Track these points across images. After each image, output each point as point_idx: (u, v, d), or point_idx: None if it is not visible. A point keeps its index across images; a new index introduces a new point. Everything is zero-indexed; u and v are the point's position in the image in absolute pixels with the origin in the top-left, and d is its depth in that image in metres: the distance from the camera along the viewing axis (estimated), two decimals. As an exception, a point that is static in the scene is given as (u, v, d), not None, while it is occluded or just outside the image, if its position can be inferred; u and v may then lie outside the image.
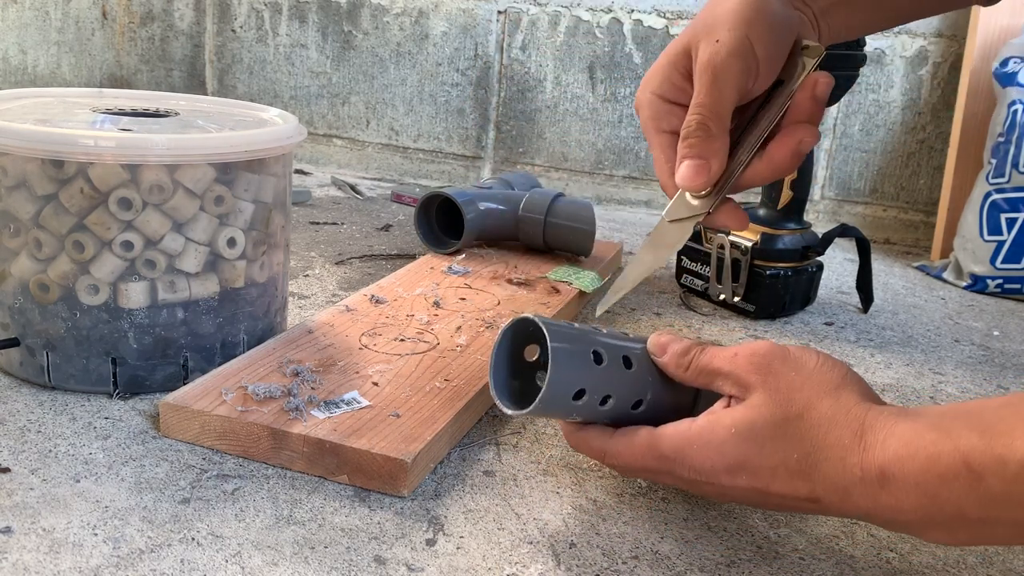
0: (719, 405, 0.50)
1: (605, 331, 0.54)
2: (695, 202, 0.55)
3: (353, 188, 1.44)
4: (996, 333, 0.99)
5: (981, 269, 1.15)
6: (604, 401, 0.52)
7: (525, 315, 0.52)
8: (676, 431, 0.49)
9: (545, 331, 0.50)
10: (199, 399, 0.60)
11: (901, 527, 0.45)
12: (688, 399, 0.55)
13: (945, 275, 1.20)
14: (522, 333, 0.54)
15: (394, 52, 1.55)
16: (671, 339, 0.53)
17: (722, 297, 0.97)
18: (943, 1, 0.68)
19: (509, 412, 0.51)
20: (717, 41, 0.52)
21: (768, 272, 0.93)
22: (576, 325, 0.53)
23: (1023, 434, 0.39)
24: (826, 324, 0.96)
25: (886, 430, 0.45)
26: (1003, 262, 1.13)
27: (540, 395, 0.50)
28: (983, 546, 0.56)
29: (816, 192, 1.43)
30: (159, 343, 0.65)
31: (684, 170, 0.53)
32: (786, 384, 0.48)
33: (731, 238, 0.95)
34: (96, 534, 0.49)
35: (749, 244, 0.93)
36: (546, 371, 0.50)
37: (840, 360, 0.51)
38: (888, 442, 0.44)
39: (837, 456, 0.45)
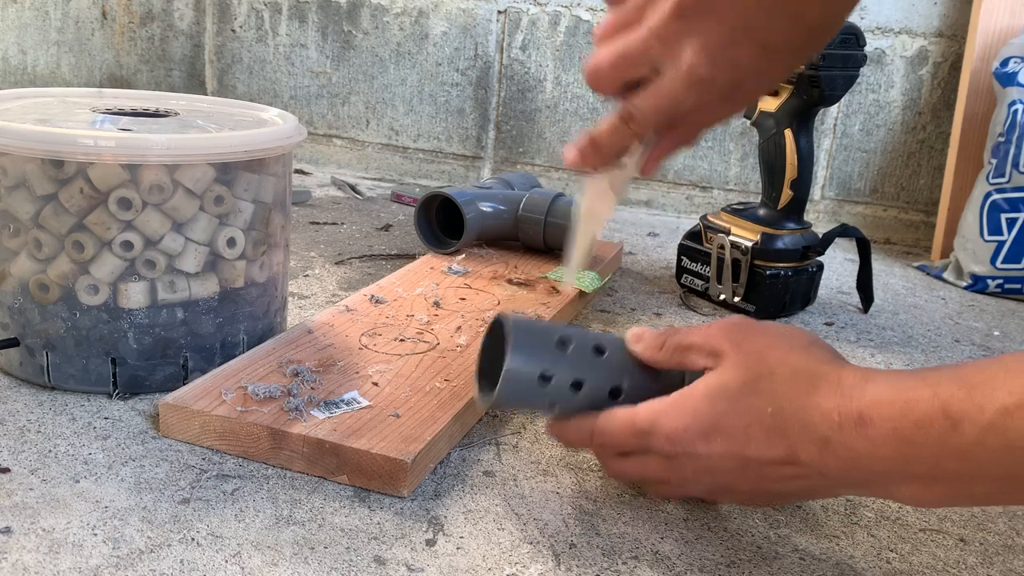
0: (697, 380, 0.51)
1: (581, 328, 0.55)
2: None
3: (353, 188, 1.44)
4: (996, 333, 0.99)
5: (981, 269, 1.15)
6: (576, 387, 0.52)
7: (496, 316, 0.54)
8: (651, 405, 0.50)
9: (504, 321, 0.52)
10: (199, 399, 0.60)
11: (880, 483, 0.45)
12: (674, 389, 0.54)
13: (945, 275, 1.20)
14: (500, 339, 0.54)
15: (394, 52, 1.55)
16: (646, 329, 0.55)
17: (722, 297, 0.97)
18: None
19: (481, 402, 0.54)
20: None
21: (768, 272, 0.93)
22: (550, 322, 0.55)
23: (1003, 384, 0.40)
24: (826, 324, 0.96)
25: (865, 379, 0.45)
26: (1003, 262, 1.13)
27: (502, 375, 0.51)
28: (960, 506, 0.56)
29: (816, 192, 1.43)
30: (159, 343, 0.65)
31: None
32: (757, 346, 0.49)
33: (731, 238, 0.95)
34: (96, 534, 0.49)
35: (749, 244, 0.93)
36: None
37: (806, 329, 0.52)
38: (867, 387, 0.44)
39: (814, 404, 0.45)
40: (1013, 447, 0.39)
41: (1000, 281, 1.14)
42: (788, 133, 0.92)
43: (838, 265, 1.22)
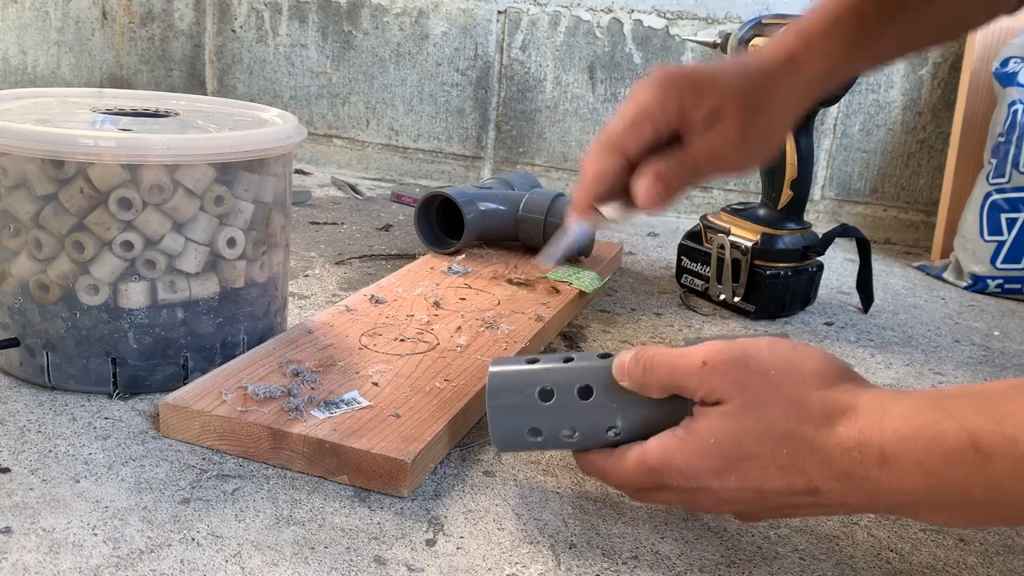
0: (696, 408, 0.48)
1: (575, 357, 0.53)
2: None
3: (353, 188, 1.44)
4: (996, 333, 0.99)
5: (981, 269, 1.15)
6: (569, 434, 0.52)
7: (491, 364, 0.54)
8: (660, 443, 0.49)
9: (487, 381, 0.53)
10: (199, 399, 0.60)
11: (903, 511, 0.44)
12: (680, 415, 0.50)
13: (945, 275, 1.20)
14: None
15: (394, 52, 1.56)
16: (628, 360, 0.51)
17: (722, 297, 0.97)
18: (942, 29, 0.66)
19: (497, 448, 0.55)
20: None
21: (768, 272, 0.93)
22: (540, 360, 0.53)
23: None
24: (826, 324, 0.96)
25: (882, 410, 0.44)
26: (1003, 262, 1.13)
27: (491, 434, 0.53)
28: (987, 527, 0.56)
29: (816, 192, 1.43)
30: (159, 343, 0.65)
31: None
32: (762, 385, 0.46)
33: (731, 238, 0.95)
34: (96, 534, 0.49)
35: (749, 244, 0.93)
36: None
37: (812, 346, 0.49)
38: (886, 422, 0.43)
39: (832, 443, 0.44)
40: None
41: (1000, 281, 1.14)
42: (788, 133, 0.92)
43: (838, 265, 1.22)
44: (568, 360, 0.53)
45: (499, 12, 1.49)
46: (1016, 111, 1.13)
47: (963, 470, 0.40)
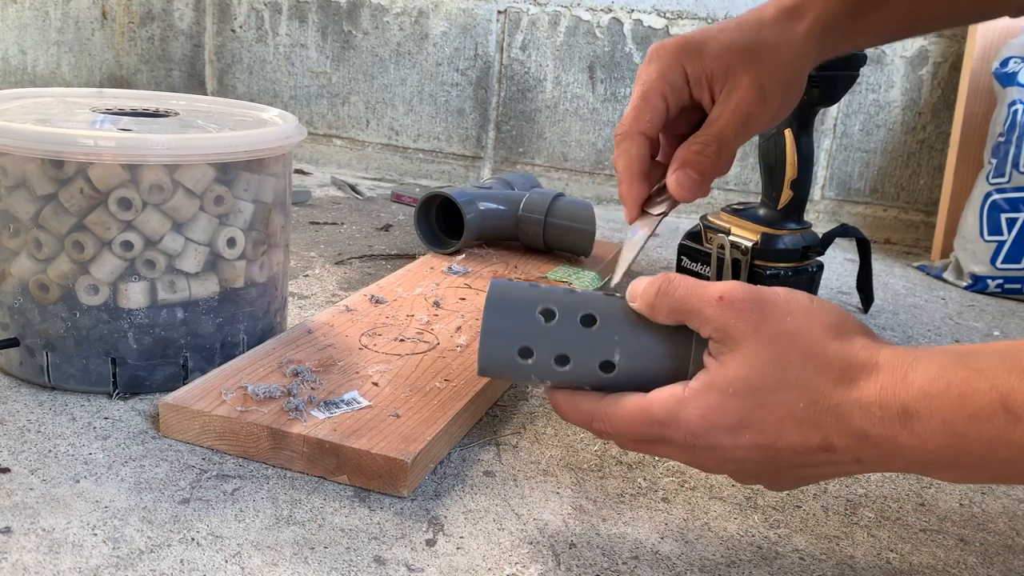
0: (708, 360, 0.46)
1: (578, 292, 0.50)
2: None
3: (353, 188, 1.44)
4: (996, 333, 0.99)
5: (981, 269, 1.15)
6: (561, 361, 0.48)
7: (492, 281, 0.51)
8: (669, 393, 0.46)
9: (488, 290, 0.49)
10: (199, 399, 0.60)
11: (917, 468, 0.43)
12: (683, 367, 0.48)
13: (945, 275, 1.20)
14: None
15: (394, 52, 1.55)
16: (644, 283, 0.48)
17: (722, 297, 0.97)
18: (940, 19, 0.66)
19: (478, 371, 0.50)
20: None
21: (768, 272, 0.93)
22: (542, 287, 0.50)
23: None
24: (826, 324, 0.96)
25: (905, 366, 0.42)
26: (1003, 262, 1.13)
27: (478, 349, 0.48)
28: (995, 485, 0.55)
29: (816, 192, 1.43)
30: (159, 343, 0.65)
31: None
32: (779, 330, 0.44)
33: (731, 238, 0.95)
34: (96, 534, 0.49)
35: (749, 244, 0.93)
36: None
37: (828, 301, 0.47)
38: (911, 377, 0.41)
39: (851, 398, 0.42)
40: None
41: (1000, 281, 1.14)
42: (788, 133, 0.92)
43: (838, 265, 1.22)
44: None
45: (499, 12, 1.49)
46: (1016, 111, 1.13)
47: (990, 430, 0.39)
